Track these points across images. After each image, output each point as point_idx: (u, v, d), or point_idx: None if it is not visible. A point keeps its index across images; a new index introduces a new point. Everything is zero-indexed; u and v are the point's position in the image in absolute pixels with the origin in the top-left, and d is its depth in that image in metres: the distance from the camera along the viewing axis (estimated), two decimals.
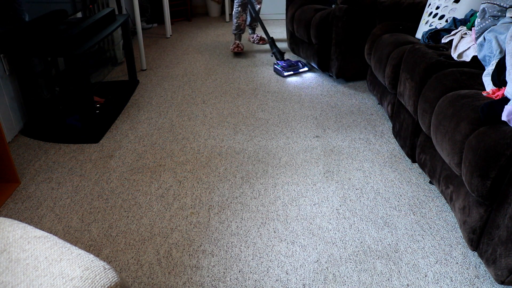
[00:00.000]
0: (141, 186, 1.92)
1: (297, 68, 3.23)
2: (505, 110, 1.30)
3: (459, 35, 1.93)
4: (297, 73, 3.22)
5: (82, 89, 2.20)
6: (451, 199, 1.56)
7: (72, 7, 2.48)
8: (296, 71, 3.22)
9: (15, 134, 2.38)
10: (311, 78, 3.14)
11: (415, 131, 1.93)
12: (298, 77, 3.16)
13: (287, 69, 3.19)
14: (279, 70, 3.20)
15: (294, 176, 1.98)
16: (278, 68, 3.22)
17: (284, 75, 3.17)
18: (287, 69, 3.20)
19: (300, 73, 3.22)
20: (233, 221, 1.70)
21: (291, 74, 3.20)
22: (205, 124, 2.49)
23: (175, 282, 1.42)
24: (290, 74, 3.20)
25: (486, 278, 1.41)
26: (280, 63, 3.28)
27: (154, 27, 4.79)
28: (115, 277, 0.87)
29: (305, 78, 3.14)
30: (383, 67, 2.25)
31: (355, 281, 1.41)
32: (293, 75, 3.20)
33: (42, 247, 0.93)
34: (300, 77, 3.16)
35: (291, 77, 3.17)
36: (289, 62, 3.30)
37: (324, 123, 2.48)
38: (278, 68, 3.22)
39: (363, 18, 2.78)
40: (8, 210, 1.78)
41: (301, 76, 3.17)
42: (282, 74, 3.17)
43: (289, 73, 3.19)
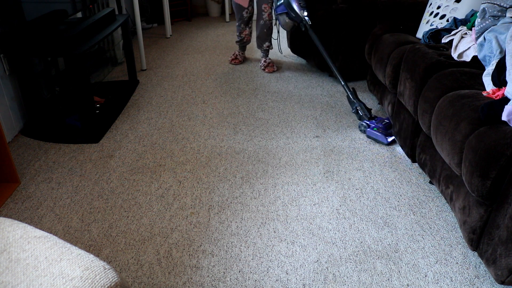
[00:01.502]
0: (141, 186, 1.92)
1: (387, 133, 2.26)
2: (505, 110, 1.30)
3: (459, 35, 1.93)
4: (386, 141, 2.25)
5: (82, 89, 2.20)
6: (451, 199, 1.56)
7: (72, 7, 2.47)
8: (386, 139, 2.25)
9: (15, 134, 2.38)
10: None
11: (415, 131, 1.93)
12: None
13: (387, 132, 2.25)
14: (378, 135, 2.25)
15: (294, 176, 1.98)
16: (376, 133, 2.25)
17: (387, 142, 2.23)
18: (387, 132, 2.26)
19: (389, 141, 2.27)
20: (233, 221, 1.70)
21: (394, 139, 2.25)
22: (205, 124, 2.49)
23: (175, 282, 1.42)
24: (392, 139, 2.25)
25: (486, 278, 1.41)
26: (371, 123, 2.31)
27: (154, 27, 4.79)
28: (115, 277, 0.87)
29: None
30: (384, 67, 2.25)
31: (355, 281, 1.41)
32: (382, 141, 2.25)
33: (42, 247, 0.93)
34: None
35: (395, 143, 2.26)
36: (385, 123, 2.31)
37: (324, 123, 2.48)
38: (376, 133, 2.25)
39: (363, 18, 2.78)
40: (8, 210, 1.78)
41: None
42: (385, 141, 2.23)
43: (392, 138, 2.25)
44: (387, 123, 2.30)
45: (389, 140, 2.23)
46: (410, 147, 1.99)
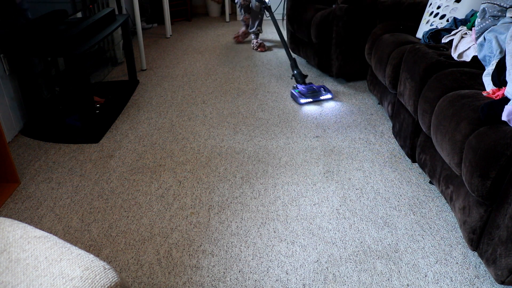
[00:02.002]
0: (141, 186, 1.92)
1: (317, 95, 2.70)
2: (505, 110, 1.30)
3: (459, 35, 1.93)
4: (317, 100, 2.70)
5: (82, 89, 2.20)
6: (451, 199, 1.56)
7: (72, 7, 2.47)
8: (316, 98, 2.69)
9: (15, 134, 2.38)
10: (332, 106, 2.63)
11: (415, 131, 1.93)
12: (317, 106, 2.65)
13: (306, 95, 2.68)
14: (295, 95, 2.71)
15: (294, 176, 1.98)
16: (294, 93, 2.73)
17: (300, 103, 2.66)
18: (306, 95, 2.68)
19: (321, 101, 2.71)
20: (233, 221, 1.70)
21: (309, 101, 2.68)
22: (205, 124, 2.49)
23: (175, 282, 1.42)
24: (308, 101, 2.67)
25: (486, 278, 1.41)
26: (299, 87, 2.77)
27: (154, 27, 4.79)
28: (115, 277, 0.87)
29: (325, 107, 2.63)
30: (384, 67, 2.25)
31: (355, 281, 1.41)
32: (312, 102, 2.68)
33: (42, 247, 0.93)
34: (319, 105, 2.65)
35: (309, 105, 2.67)
36: (310, 87, 2.75)
37: (324, 123, 2.48)
38: (294, 94, 2.73)
39: (363, 17, 2.78)
40: (8, 210, 1.78)
41: (321, 105, 2.66)
42: (298, 101, 2.67)
43: (307, 101, 2.67)
44: (312, 89, 2.73)
45: (301, 102, 2.68)
46: (410, 147, 1.99)
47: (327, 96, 2.73)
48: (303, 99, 2.67)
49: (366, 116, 2.55)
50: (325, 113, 2.58)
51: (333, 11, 2.84)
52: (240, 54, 3.75)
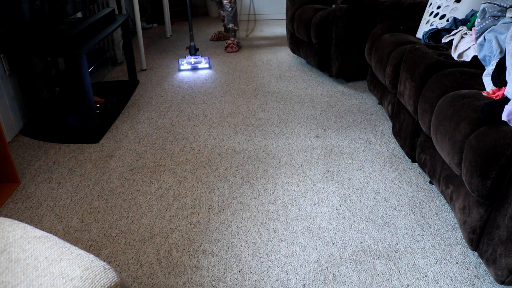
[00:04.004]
0: (141, 186, 1.92)
1: (196, 64, 3.35)
2: (505, 110, 1.30)
3: (459, 35, 1.93)
4: (194, 68, 3.34)
5: (82, 89, 2.20)
6: (451, 199, 1.56)
7: (72, 7, 2.47)
8: (194, 67, 3.34)
9: (15, 134, 2.38)
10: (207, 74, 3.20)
11: (415, 131, 1.93)
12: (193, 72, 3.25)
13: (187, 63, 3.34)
14: (178, 63, 3.41)
15: (294, 176, 1.98)
16: (179, 61, 3.40)
17: (179, 69, 3.32)
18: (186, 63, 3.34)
19: (198, 69, 3.33)
20: (233, 221, 1.70)
21: (187, 69, 3.32)
22: (205, 124, 2.49)
23: (175, 282, 1.42)
24: (186, 69, 3.32)
25: (486, 278, 1.41)
26: (187, 57, 3.42)
27: (154, 27, 4.79)
28: (115, 277, 0.87)
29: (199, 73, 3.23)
30: (384, 67, 2.25)
31: (355, 281, 1.41)
32: (190, 70, 3.33)
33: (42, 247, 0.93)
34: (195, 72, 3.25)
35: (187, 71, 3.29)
36: (195, 58, 3.40)
37: (324, 123, 2.48)
38: (179, 61, 3.41)
39: (363, 18, 2.78)
40: (8, 210, 1.78)
41: (196, 72, 3.26)
42: (179, 67, 3.35)
43: (186, 67, 3.32)
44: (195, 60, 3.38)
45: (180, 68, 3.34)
46: (410, 147, 1.99)
47: (204, 66, 3.36)
48: (182, 66, 3.33)
49: (366, 116, 2.55)
50: (325, 113, 2.58)
51: (333, 11, 2.84)
52: (240, 54, 3.75)
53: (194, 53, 3.46)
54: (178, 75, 3.16)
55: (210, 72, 3.26)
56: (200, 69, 3.33)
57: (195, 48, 3.47)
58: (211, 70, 3.31)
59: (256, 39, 4.22)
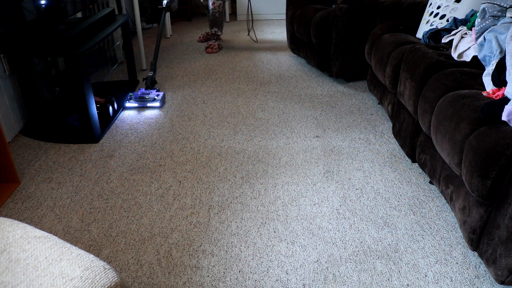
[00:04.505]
0: (141, 186, 1.92)
1: (145, 101, 2.68)
2: (505, 110, 1.30)
3: (459, 35, 1.93)
4: (142, 106, 2.70)
5: (82, 89, 2.20)
6: (451, 199, 1.56)
7: (72, 7, 2.47)
8: (142, 104, 2.69)
9: (15, 134, 2.38)
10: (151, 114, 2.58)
11: (415, 131, 1.93)
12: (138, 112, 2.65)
13: (135, 100, 2.70)
14: (125, 98, 2.75)
15: (294, 176, 1.98)
16: (127, 95, 2.76)
17: (124, 105, 2.69)
18: (135, 99, 2.70)
19: (147, 107, 2.70)
20: (233, 221, 1.70)
21: (134, 106, 2.70)
22: (205, 124, 2.49)
23: (175, 282, 1.42)
24: (133, 106, 2.70)
25: (486, 278, 1.41)
26: (139, 91, 2.79)
27: (154, 27, 4.79)
28: (115, 277, 0.87)
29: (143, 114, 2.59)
30: (384, 67, 2.25)
31: (355, 281, 1.41)
32: (137, 108, 2.70)
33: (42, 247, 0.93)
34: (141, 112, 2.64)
35: (132, 109, 2.68)
36: (144, 93, 2.76)
37: (324, 123, 2.48)
38: (127, 96, 2.76)
39: (363, 18, 2.78)
40: (8, 210, 1.78)
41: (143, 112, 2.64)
42: (124, 104, 2.70)
43: (131, 105, 2.70)
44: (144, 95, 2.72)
45: (125, 105, 2.70)
46: (410, 147, 1.99)
47: (154, 104, 2.69)
48: (128, 103, 2.71)
49: (366, 116, 2.55)
50: (325, 113, 2.58)
51: (333, 11, 2.84)
52: (240, 54, 3.75)
53: (150, 87, 2.86)
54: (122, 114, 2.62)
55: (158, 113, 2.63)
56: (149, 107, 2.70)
57: (154, 81, 2.91)
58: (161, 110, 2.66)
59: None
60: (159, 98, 2.71)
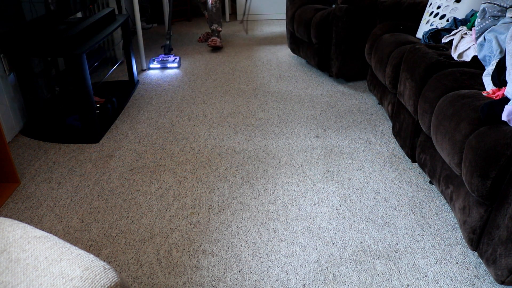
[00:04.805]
0: (141, 186, 1.92)
1: (165, 63, 3.39)
2: (505, 110, 1.30)
3: (459, 35, 1.93)
4: (164, 67, 3.41)
5: (82, 89, 2.20)
6: (451, 199, 1.56)
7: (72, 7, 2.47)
8: (164, 65, 3.40)
9: (15, 134, 2.37)
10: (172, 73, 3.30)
11: (415, 131, 1.93)
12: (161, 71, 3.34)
13: (157, 62, 3.41)
14: (149, 62, 3.45)
15: (294, 176, 1.98)
16: (150, 60, 3.47)
17: (149, 66, 3.41)
18: (156, 62, 3.41)
19: (167, 68, 3.40)
20: (233, 221, 1.70)
21: (157, 67, 3.40)
22: (205, 124, 2.49)
23: (175, 282, 1.42)
24: (156, 67, 3.40)
25: (486, 278, 1.41)
26: (160, 56, 3.48)
27: (154, 27, 4.79)
28: (115, 277, 0.87)
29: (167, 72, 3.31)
30: (384, 67, 2.25)
31: (355, 281, 1.41)
32: (159, 68, 3.41)
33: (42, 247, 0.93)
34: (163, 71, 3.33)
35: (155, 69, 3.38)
36: (165, 57, 3.46)
37: (324, 123, 2.48)
38: (150, 61, 3.45)
39: (363, 18, 2.78)
40: (8, 210, 1.78)
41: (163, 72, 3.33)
42: (148, 65, 3.42)
43: (155, 66, 3.40)
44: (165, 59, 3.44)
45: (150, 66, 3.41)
46: (410, 147, 1.99)
47: (173, 65, 3.39)
48: (152, 64, 3.40)
49: (366, 116, 2.55)
50: (325, 113, 2.58)
51: (333, 11, 2.84)
52: (240, 54, 3.75)
53: (168, 53, 3.54)
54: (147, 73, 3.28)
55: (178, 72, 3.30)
56: (169, 68, 3.41)
57: (170, 48, 3.57)
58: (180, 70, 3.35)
59: (256, 39, 4.22)
60: (177, 61, 3.41)
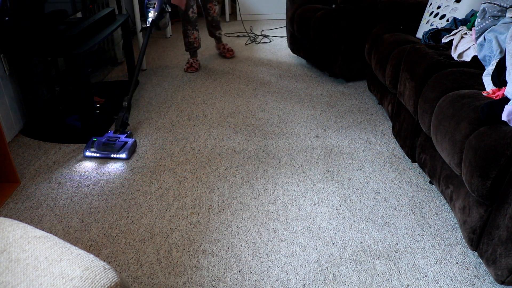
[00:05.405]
0: (141, 186, 1.92)
1: (109, 151, 2.13)
2: (505, 110, 1.30)
3: (459, 35, 1.93)
4: (104, 157, 2.14)
5: (82, 89, 2.20)
6: (451, 199, 1.56)
7: (72, 7, 2.47)
8: (106, 155, 2.13)
9: (15, 134, 2.38)
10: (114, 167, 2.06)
11: (415, 131, 1.93)
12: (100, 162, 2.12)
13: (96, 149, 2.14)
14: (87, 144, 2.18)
15: (294, 176, 1.98)
16: (90, 141, 2.19)
17: (84, 154, 2.15)
18: (98, 148, 2.15)
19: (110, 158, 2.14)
20: (233, 221, 1.70)
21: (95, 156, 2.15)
22: (205, 124, 2.49)
23: (175, 282, 1.42)
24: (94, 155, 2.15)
25: (486, 278, 1.41)
26: (107, 135, 2.25)
27: None
28: (115, 277, 0.87)
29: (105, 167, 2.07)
30: (384, 67, 2.25)
31: (355, 281, 1.41)
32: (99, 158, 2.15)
33: (42, 247, 0.93)
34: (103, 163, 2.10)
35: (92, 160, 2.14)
36: (111, 139, 2.20)
37: (324, 123, 2.48)
38: (89, 142, 2.19)
39: (363, 18, 2.78)
40: (8, 210, 1.78)
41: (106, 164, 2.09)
42: (84, 152, 2.15)
43: (92, 154, 2.14)
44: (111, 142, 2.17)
45: (86, 154, 2.14)
46: (410, 147, 1.99)
47: (119, 155, 2.13)
48: (88, 152, 2.14)
49: (366, 116, 2.55)
50: (325, 113, 2.58)
51: (333, 11, 2.84)
52: (240, 54, 3.75)
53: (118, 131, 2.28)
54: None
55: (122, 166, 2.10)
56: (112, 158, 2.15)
57: (125, 123, 2.31)
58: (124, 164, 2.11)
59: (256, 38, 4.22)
60: (127, 147, 2.15)
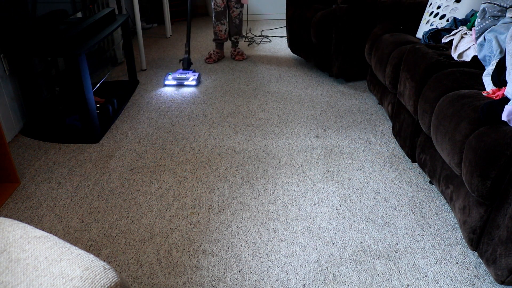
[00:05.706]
0: (141, 186, 1.92)
1: (182, 80, 3.02)
2: (505, 110, 1.30)
3: (459, 35, 1.93)
4: (180, 84, 3.04)
5: (82, 89, 2.20)
6: (451, 199, 1.56)
7: (72, 7, 2.47)
8: (180, 82, 3.03)
9: (15, 134, 2.38)
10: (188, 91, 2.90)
11: (415, 131, 1.93)
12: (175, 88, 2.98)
13: (172, 79, 3.03)
14: (165, 77, 3.08)
15: (294, 176, 1.98)
16: (167, 75, 3.08)
17: (163, 83, 3.04)
18: (173, 77, 3.04)
19: (184, 86, 3.03)
20: (233, 221, 1.70)
21: (173, 84, 3.04)
22: (205, 124, 2.49)
23: (175, 282, 1.42)
24: (171, 84, 3.04)
25: (486, 278, 1.41)
26: (177, 72, 3.11)
27: (154, 27, 4.79)
28: (115, 277, 0.87)
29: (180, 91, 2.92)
30: (384, 67, 2.25)
31: (355, 281, 1.41)
32: (175, 85, 3.04)
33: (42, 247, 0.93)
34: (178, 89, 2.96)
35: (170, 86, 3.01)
36: (182, 73, 3.08)
37: (324, 123, 2.48)
38: (166, 76, 3.08)
39: (363, 18, 2.78)
40: (8, 210, 1.78)
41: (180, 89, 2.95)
42: (163, 81, 3.04)
43: (170, 83, 3.04)
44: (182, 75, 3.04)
45: (165, 83, 3.04)
46: (410, 147, 1.99)
47: (191, 83, 3.02)
48: (167, 80, 3.02)
49: (366, 116, 2.55)
50: (325, 113, 2.58)
51: (333, 11, 2.84)
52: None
53: (185, 68, 3.18)
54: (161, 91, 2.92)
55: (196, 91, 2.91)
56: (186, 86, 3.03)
57: (190, 63, 3.19)
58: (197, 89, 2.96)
59: (256, 39, 4.22)
60: (195, 79, 3.04)
